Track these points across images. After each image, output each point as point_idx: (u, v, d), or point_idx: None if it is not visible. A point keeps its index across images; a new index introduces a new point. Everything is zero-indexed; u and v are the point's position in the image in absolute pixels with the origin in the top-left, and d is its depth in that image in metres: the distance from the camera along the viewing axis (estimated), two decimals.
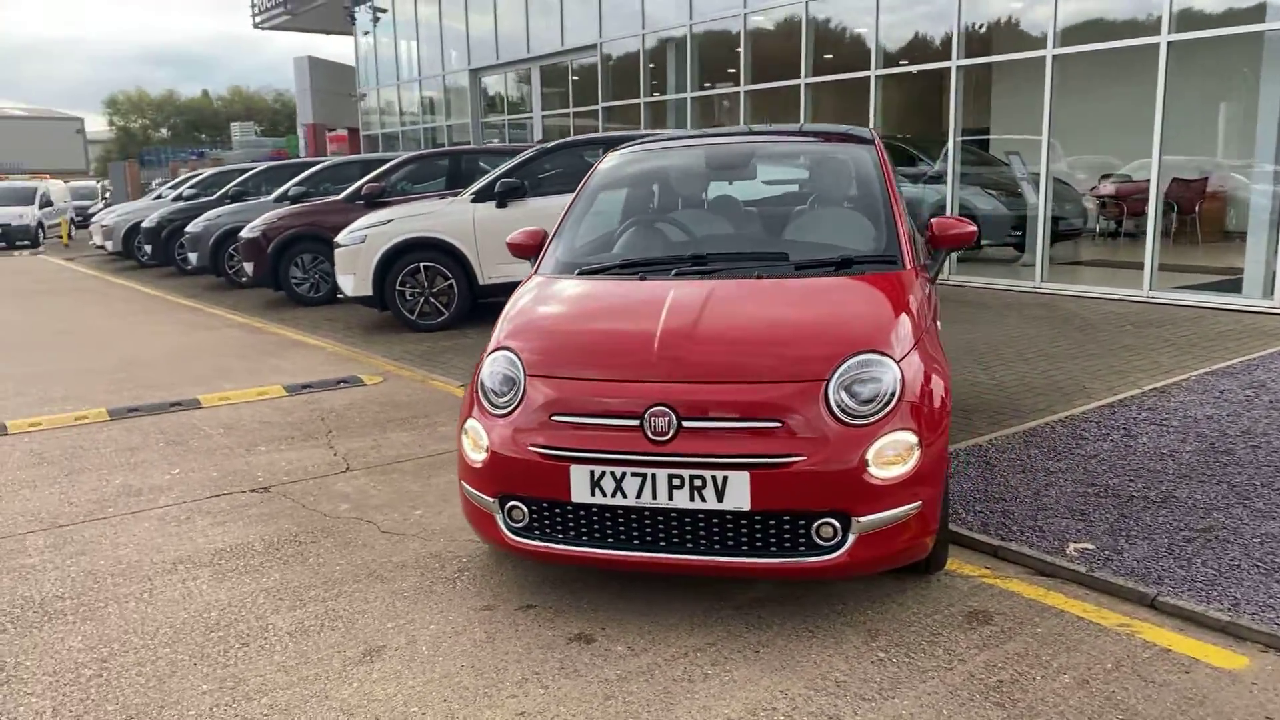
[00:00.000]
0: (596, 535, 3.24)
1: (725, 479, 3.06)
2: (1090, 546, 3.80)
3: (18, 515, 4.52)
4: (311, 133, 27.28)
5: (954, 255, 11.63)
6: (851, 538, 3.09)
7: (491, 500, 3.35)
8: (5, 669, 3.08)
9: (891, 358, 3.24)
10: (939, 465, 3.27)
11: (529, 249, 4.35)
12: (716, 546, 3.16)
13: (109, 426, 6.17)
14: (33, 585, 3.71)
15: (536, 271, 4.12)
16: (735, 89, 14.06)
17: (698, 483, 3.09)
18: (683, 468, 3.09)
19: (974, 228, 4.24)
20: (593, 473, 3.16)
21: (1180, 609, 3.28)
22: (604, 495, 3.16)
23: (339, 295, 10.28)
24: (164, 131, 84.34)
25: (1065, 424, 5.47)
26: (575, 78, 18.17)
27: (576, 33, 17.61)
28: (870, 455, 3.07)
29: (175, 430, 6.01)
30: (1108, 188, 15.07)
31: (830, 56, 12.99)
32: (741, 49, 13.83)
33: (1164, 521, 4.01)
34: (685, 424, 3.12)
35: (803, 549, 3.13)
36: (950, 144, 11.42)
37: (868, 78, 12.08)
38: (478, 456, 3.38)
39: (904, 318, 3.45)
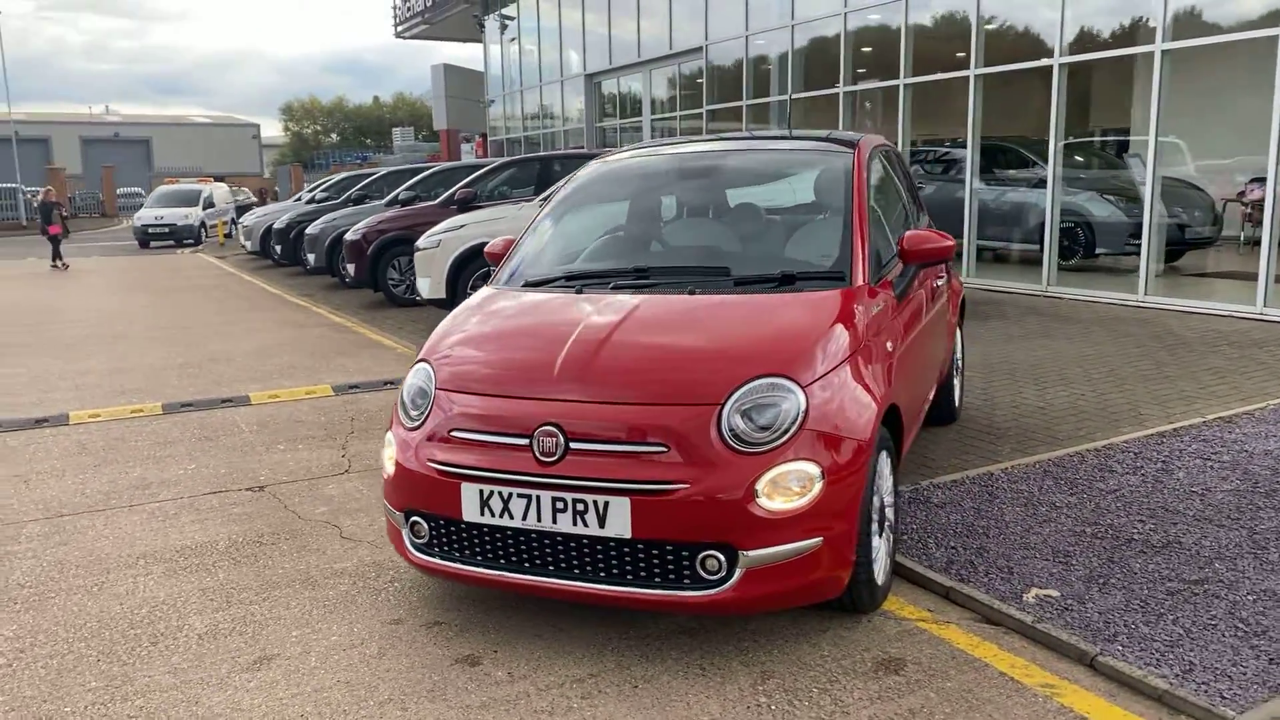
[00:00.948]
0: (489, 555, 3.17)
1: (606, 504, 2.94)
2: (1054, 594, 3.47)
3: (30, 503, 4.81)
4: (445, 138, 28.19)
5: (1058, 264, 10.94)
6: (738, 572, 2.92)
7: (399, 514, 3.34)
8: None
9: (797, 383, 3.04)
10: (850, 499, 3.05)
11: (500, 258, 4.31)
12: (601, 574, 3.04)
13: (158, 420, 6.51)
14: (3, 573, 3.93)
15: (490, 282, 4.09)
16: (835, 90, 13.67)
17: (580, 507, 2.98)
18: (566, 490, 2.98)
19: (951, 242, 3.94)
20: (481, 491, 3.10)
21: (1118, 672, 2.94)
22: (493, 515, 3.09)
23: (416, 298, 10.57)
24: (333, 137, 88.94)
25: (1099, 454, 5.03)
26: (682, 81, 18.10)
27: (683, 36, 17.54)
28: (760, 486, 2.89)
29: (214, 426, 6.29)
30: (1255, 192, 13.88)
31: (930, 56, 12.45)
32: (841, 50, 13.43)
33: (1153, 570, 3.63)
34: (572, 445, 3.02)
35: (687, 581, 2.97)
36: (1052, 146, 10.74)
37: (966, 77, 11.51)
38: (390, 468, 3.37)
39: (830, 340, 3.24)
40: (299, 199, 21.33)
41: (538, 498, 3.02)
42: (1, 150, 50.76)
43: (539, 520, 3.03)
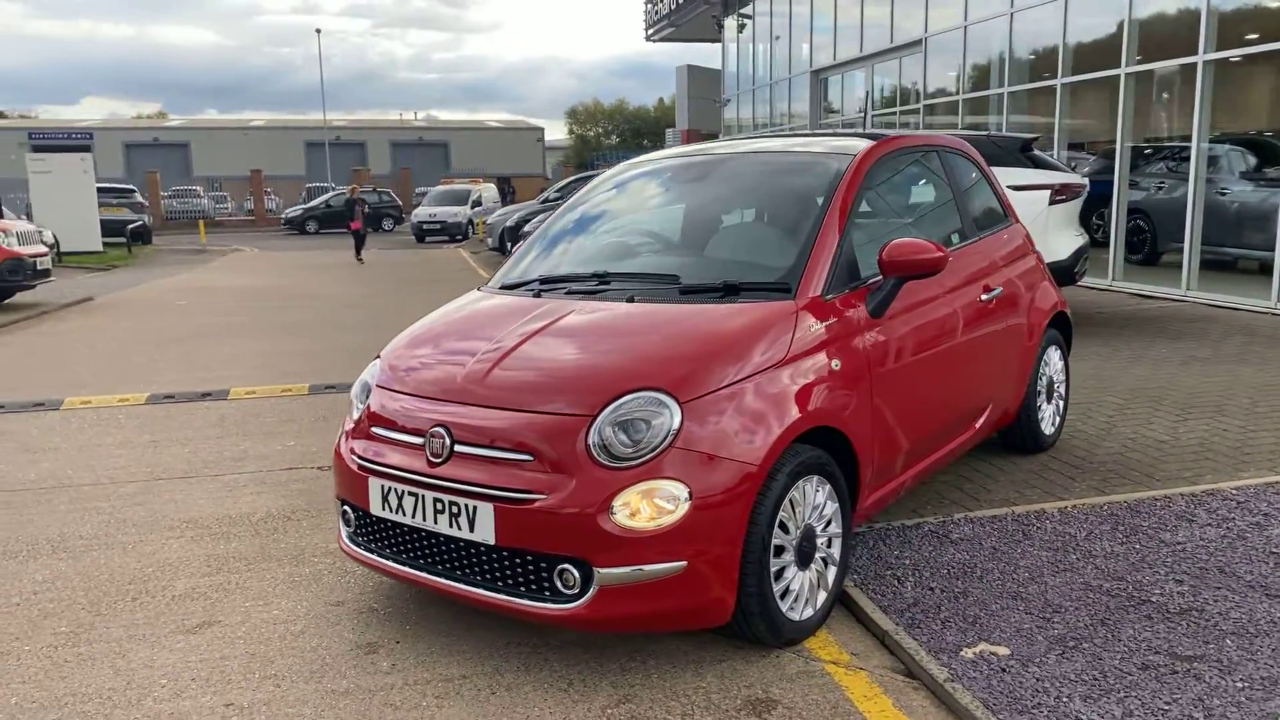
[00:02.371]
0: (391, 549, 3.29)
1: (475, 509, 2.97)
2: (1001, 652, 3.09)
3: (143, 467, 5.48)
4: (685, 138, 28.61)
5: None
6: (593, 589, 2.84)
7: (337, 503, 3.52)
8: None
9: (675, 399, 2.91)
10: (730, 526, 2.88)
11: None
12: (475, 577, 3.06)
13: (298, 400, 7.18)
14: (58, 527, 4.52)
15: (489, 282, 4.19)
16: (1052, 82, 12.55)
17: (455, 509, 3.02)
18: (445, 492, 3.04)
19: (938, 255, 3.57)
20: (383, 487, 3.21)
21: None
22: (390, 510, 3.20)
23: None
24: (614, 139, 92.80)
25: (1191, 500, 4.38)
26: (902, 75, 17.30)
27: (904, 29, 16.75)
28: (618, 503, 2.80)
29: (340, 406, 6.84)
30: None
31: (1163, 40, 11.14)
32: (1060, 40, 12.31)
33: (1145, 638, 3.13)
34: (457, 449, 3.06)
35: (547, 593, 2.93)
36: None
37: (1194, 63, 10.20)
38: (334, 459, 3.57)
39: (730, 354, 3.07)
40: (543, 198, 22.54)
41: (423, 497, 3.09)
42: (321, 153, 57.27)
43: (424, 519, 3.10)
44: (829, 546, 3.34)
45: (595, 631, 3.15)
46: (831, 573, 3.36)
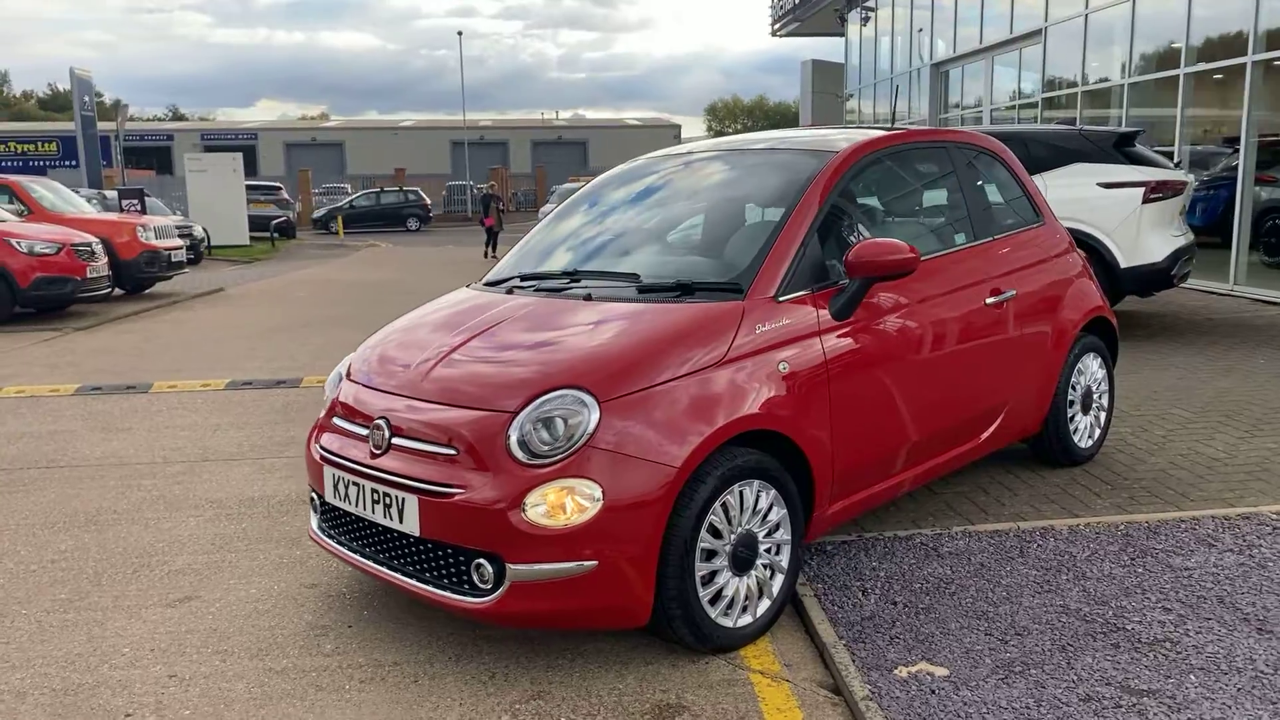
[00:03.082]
0: (345, 536, 3.39)
1: (404, 501, 3.04)
2: (939, 673, 2.95)
3: (197, 448, 5.82)
4: None
5: None
6: (505, 585, 2.87)
7: (310, 490, 3.67)
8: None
9: (595, 397, 2.90)
10: (646, 527, 2.85)
11: None
12: (408, 567, 3.13)
13: None
14: (99, 502, 4.85)
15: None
16: (1174, 72, 11.74)
17: (387, 500, 3.10)
18: (380, 483, 3.12)
19: (907, 256, 3.41)
20: (334, 476, 3.32)
21: None
22: (339, 499, 3.31)
23: None
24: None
25: (1221, 523, 4.06)
26: (1022, 67, 16.49)
27: (1024, 19, 15.96)
28: (530, 499, 2.82)
29: None
30: None
31: None
32: (1185, 28, 11.51)
33: (1102, 668, 2.94)
34: (394, 441, 3.14)
35: (465, 586, 2.97)
36: None
37: None
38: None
39: (661, 354, 3.03)
40: None
41: (364, 487, 3.18)
42: (460, 152, 59.11)
43: (365, 509, 3.19)
44: (775, 554, 3.26)
45: (512, 626, 3.17)
46: (778, 581, 3.27)
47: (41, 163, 55.70)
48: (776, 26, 28.68)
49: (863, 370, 3.51)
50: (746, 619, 3.18)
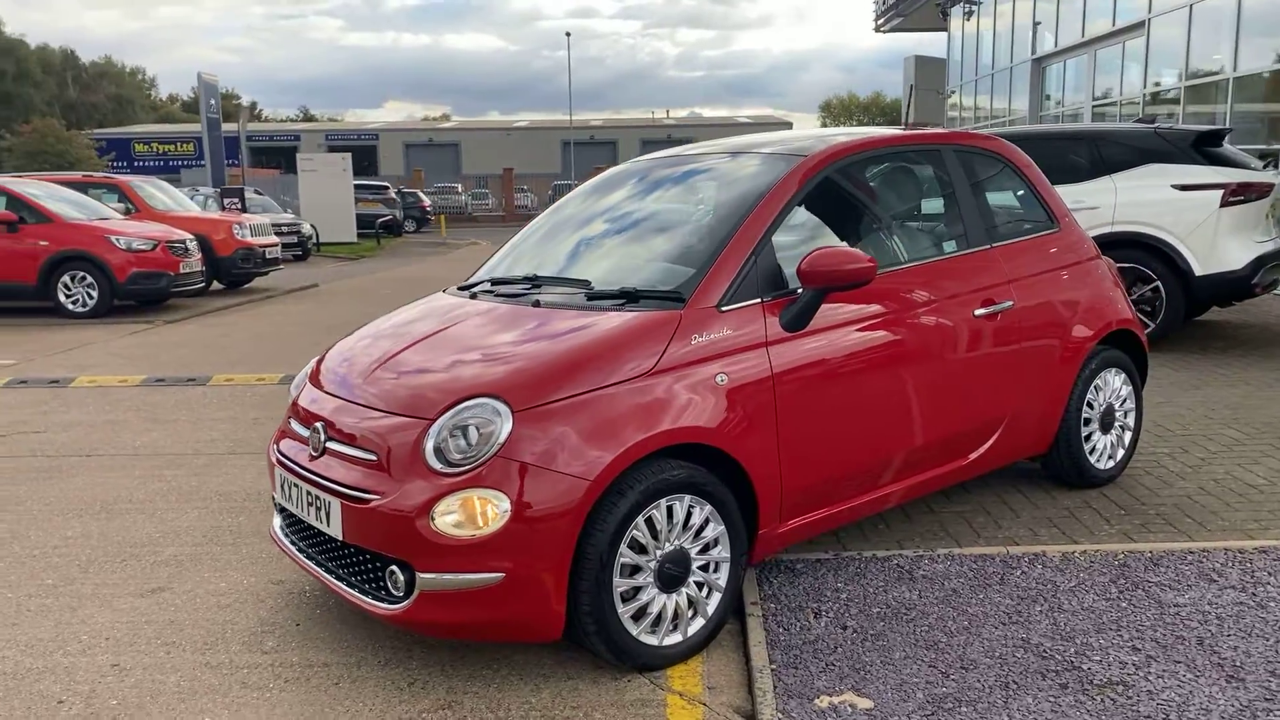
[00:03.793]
0: (294, 535, 3.45)
1: (330, 505, 3.06)
2: (862, 705, 2.81)
3: (219, 443, 6.03)
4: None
5: None
6: (416, 593, 2.86)
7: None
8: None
9: (509, 406, 2.87)
10: (557, 541, 2.80)
11: None
12: (339, 570, 3.16)
13: None
14: (120, 491, 5.06)
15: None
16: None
17: (317, 503, 3.13)
18: (313, 486, 3.15)
19: (863, 265, 3.25)
20: (280, 476, 3.38)
21: None
22: (285, 499, 3.36)
23: None
24: None
25: (1231, 556, 3.77)
26: (1125, 61, 15.62)
27: (1126, 10, 15.12)
28: (439, 508, 2.80)
29: None
30: None
31: None
32: None
33: (1038, 711, 2.76)
34: (328, 444, 3.17)
35: (383, 592, 2.98)
36: None
37: None
38: None
39: (584, 364, 2.97)
40: None
41: (301, 489, 3.23)
42: (576, 152, 59.81)
43: (302, 510, 3.24)
44: (712, 572, 3.16)
45: (427, 635, 3.15)
46: (714, 600, 3.17)
47: (179, 162, 58.89)
48: (880, 22, 28.02)
49: (818, 384, 3.37)
50: (675, 638, 3.09)
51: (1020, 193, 4.38)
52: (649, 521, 2.98)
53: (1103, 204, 7.71)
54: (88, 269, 11.85)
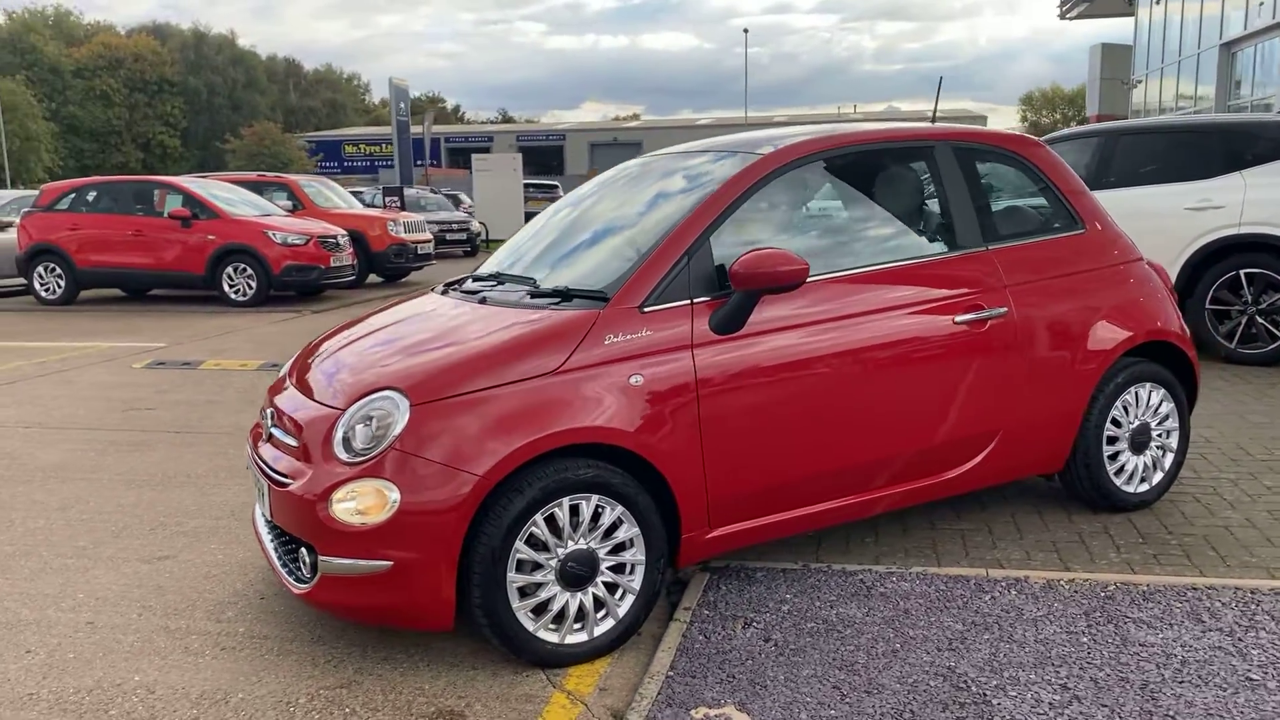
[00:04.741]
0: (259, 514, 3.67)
1: (265, 487, 3.25)
2: (737, 719, 2.73)
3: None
4: (1096, 122, 25.39)
5: None
6: (318, 575, 3.00)
7: None
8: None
9: (409, 399, 2.96)
10: (445, 533, 2.87)
11: None
12: (275, 548, 3.34)
13: None
14: (182, 465, 5.49)
15: None
16: None
17: (259, 485, 3.33)
18: (256, 467, 3.35)
19: (794, 268, 3.12)
20: (247, 460, 3.61)
21: None
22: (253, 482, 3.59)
23: None
24: (1072, 125, 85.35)
25: (1237, 595, 3.42)
26: None
27: None
28: (336, 496, 2.93)
29: None
30: None
31: None
32: None
33: None
34: (272, 430, 3.37)
35: (300, 572, 3.13)
36: None
37: None
38: None
39: (494, 361, 3.02)
40: None
41: (252, 469, 3.44)
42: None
43: (255, 489, 3.44)
44: (626, 574, 3.14)
45: (333, 615, 3.27)
46: (627, 602, 3.15)
47: (383, 163, 62.70)
48: (1065, 8, 26.34)
49: (753, 390, 3.27)
50: (580, 637, 3.09)
51: (1033, 192, 4.08)
52: (551, 519, 3.00)
53: (1229, 203, 7.02)
54: (248, 261, 12.86)
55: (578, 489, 3.01)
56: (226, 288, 12.93)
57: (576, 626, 3.09)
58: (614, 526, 3.10)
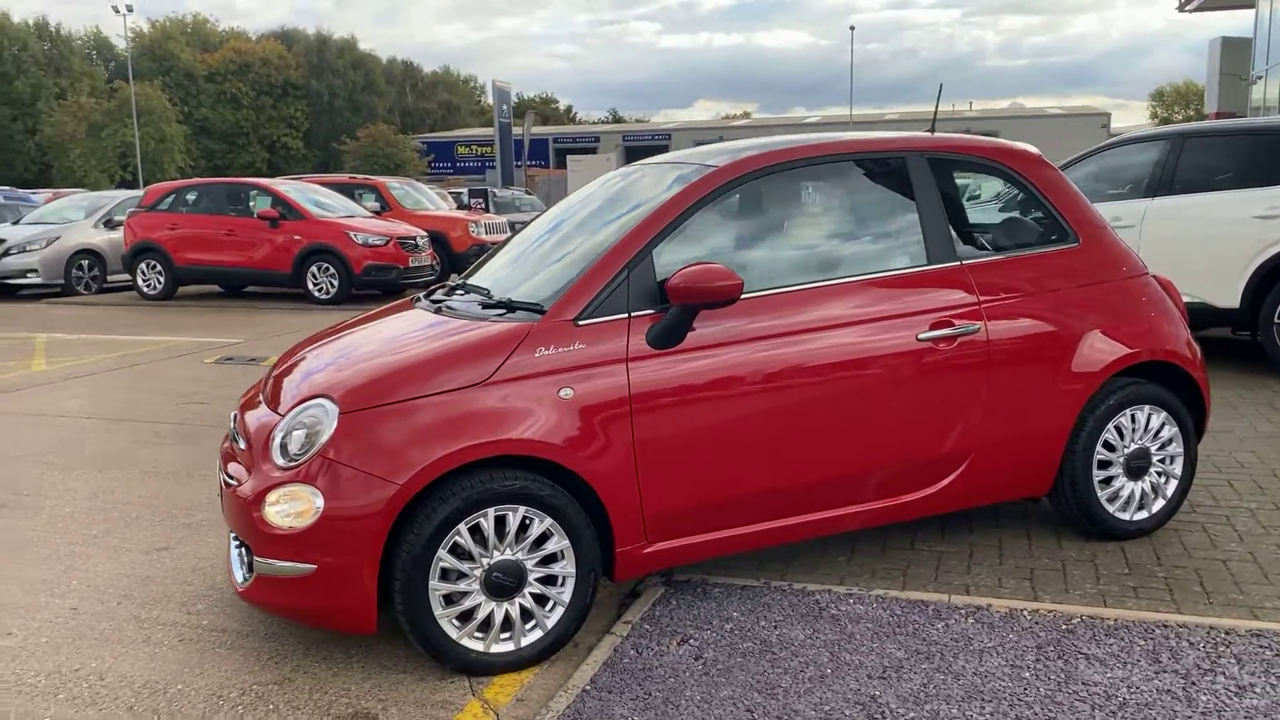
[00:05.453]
0: None
1: (220, 489, 3.38)
2: None
3: None
4: (1215, 119, 23.86)
5: None
6: (254, 574, 3.11)
7: None
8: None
9: (338, 409, 3.04)
10: (365, 540, 2.94)
11: None
12: (234, 549, 3.46)
13: None
14: (208, 458, 5.72)
15: None
16: None
17: (220, 484, 3.46)
18: (222, 469, 3.49)
19: (728, 283, 3.08)
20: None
21: None
22: None
23: None
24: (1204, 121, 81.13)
25: (1210, 635, 3.23)
26: None
27: None
28: (268, 500, 3.04)
29: None
30: None
31: None
32: None
33: None
34: (236, 436, 3.50)
35: (243, 570, 3.25)
36: None
37: None
38: None
39: (423, 372, 3.08)
40: None
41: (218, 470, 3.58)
42: None
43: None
44: (558, 586, 3.16)
45: (268, 613, 3.37)
46: (557, 614, 3.17)
47: (491, 164, 64.14)
48: (1184, 1, 24.98)
49: (693, 405, 3.24)
50: (506, 646, 3.12)
51: (1020, 204, 3.91)
52: (476, 529, 3.04)
53: None
54: (331, 261, 13.32)
55: (504, 500, 3.04)
56: (311, 286, 13.43)
57: (504, 636, 3.12)
58: (543, 538, 3.12)
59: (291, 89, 71.30)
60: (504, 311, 3.36)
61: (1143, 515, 3.97)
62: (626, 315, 3.23)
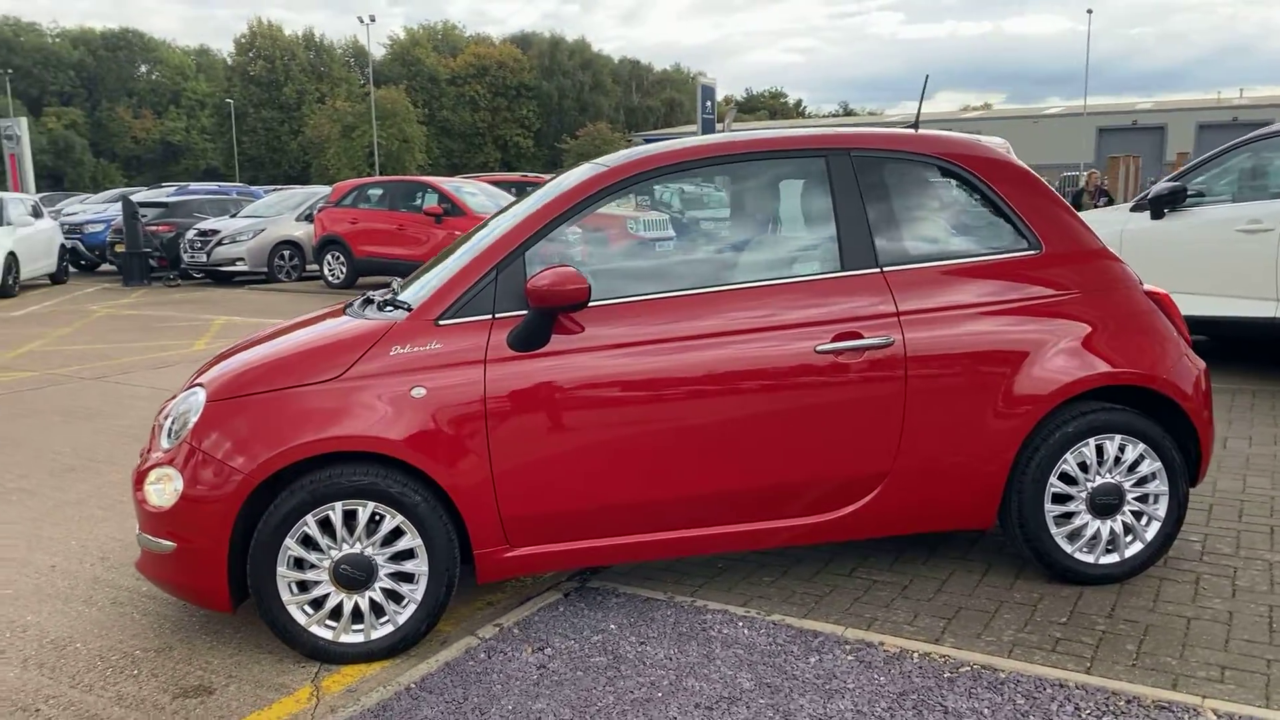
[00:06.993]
0: None
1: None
2: None
3: None
4: None
5: None
6: (140, 550, 3.33)
7: None
8: None
9: (206, 395, 3.20)
10: (216, 522, 3.09)
11: None
12: None
13: None
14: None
15: None
16: None
17: None
18: None
19: (575, 287, 2.99)
20: None
21: None
22: None
23: None
24: None
25: (1113, 705, 2.79)
26: None
27: None
28: (149, 478, 3.25)
29: None
30: None
31: None
32: None
33: None
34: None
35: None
36: None
37: None
38: None
39: (284, 366, 3.20)
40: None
41: None
42: (1115, 139, 54.19)
43: None
44: (409, 583, 3.19)
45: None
46: (409, 611, 3.20)
47: None
48: None
49: (556, 409, 3.17)
50: (356, 638, 3.18)
51: (967, 208, 3.52)
52: (326, 522, 3.11)
53: None
54: None
55: (351, 495, 3.10)
56: None
57: (356, 628, 3.18)
58: (395, 535, 3.15)
59: (525, 90, 74.83)
60: (389, 309, 3.42)
61: (1112, 559, 3.50)
62: (490, 316, 3.20)
